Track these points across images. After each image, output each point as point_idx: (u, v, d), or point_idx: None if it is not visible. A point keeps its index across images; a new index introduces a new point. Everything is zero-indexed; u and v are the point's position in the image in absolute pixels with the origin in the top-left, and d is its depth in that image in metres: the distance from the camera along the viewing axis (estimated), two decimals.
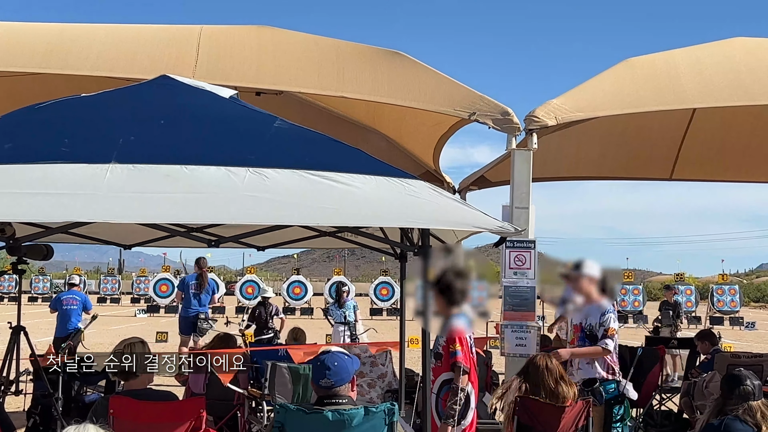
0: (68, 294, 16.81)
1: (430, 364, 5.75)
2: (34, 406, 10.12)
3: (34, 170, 4.94)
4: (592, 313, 8.15)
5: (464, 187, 13.52)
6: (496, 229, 5.35)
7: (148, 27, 10.39)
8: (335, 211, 4.99)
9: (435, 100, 9.47)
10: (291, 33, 10.10)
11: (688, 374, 11.46)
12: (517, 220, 8.97)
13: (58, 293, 19.37)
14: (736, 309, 40.64)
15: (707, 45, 10.40)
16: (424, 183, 5.50)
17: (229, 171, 5.02)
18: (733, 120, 12.25)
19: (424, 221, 5.22)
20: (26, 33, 9.83)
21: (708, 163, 13.87)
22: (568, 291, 10.61)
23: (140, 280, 52.25)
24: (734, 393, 5.88)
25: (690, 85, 9.55)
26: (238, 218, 5.01)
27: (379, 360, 10.62)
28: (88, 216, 4.80)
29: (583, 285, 8.22)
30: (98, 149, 5.12)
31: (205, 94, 6.25)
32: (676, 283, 42.27)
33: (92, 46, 9.56)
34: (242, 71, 9.43)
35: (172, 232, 6.65)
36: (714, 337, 11.94)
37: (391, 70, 9.56)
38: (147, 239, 8.67)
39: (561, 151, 13.24)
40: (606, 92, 9.60)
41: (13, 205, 4.71)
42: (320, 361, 5.17)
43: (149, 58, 9.30)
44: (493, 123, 9.32)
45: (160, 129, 5.54)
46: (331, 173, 5.14)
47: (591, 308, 8.18)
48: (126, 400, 5.89)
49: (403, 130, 12.43)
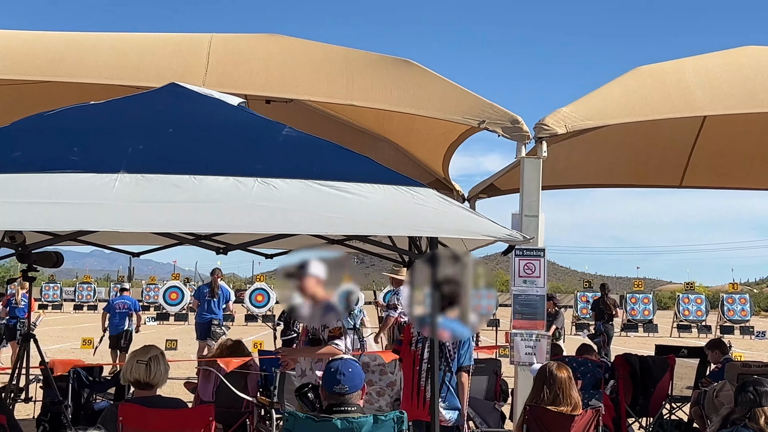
0: (120, 299, 20.07)
1: (438, 372, 5.73)
2: (43, 414, 10.12)
3: (43, 179, 4.95)
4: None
5: (473, 196, 13.50)
6: (505, 237, 5.34)
7: (157, 35, 10.42)
8: (344, 220, 4.99)
9: (444, 108, 9.46)
10: (300, 41, 10.12)
11: (698, 383, 11.41)
12: (526, 229, 8.94)
13: (112, 298, 23.33)
14: (747, 318, 40.45)
15: (717, 53, 10.37)
16: (433, 191, 5.50)
17: (238, 181, 5.02)
18: (743, 127, 12.21)
19: (432, 230, 5.22)
20: (35, 41, 9.86)
21: (718, 170, 13.84)
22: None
23: (150, 288, 52.26)
24: (741, 400, 5.88)
25: (700, 93, 9.53)
26: (247, 227, 5.02)
27: (389, 368, 10.59)
28: (96, 225, 4.81)
29: (308, 285, 7.32)
30: (107, 158, 5.14)
31: (213, 102, 6.27)
32: (686, 292, 42.29)
33: (101, 54, 9.58)
34: (252, 79, 9.45)
35: (181, 240, 6.66)
36: (724, 346, 11.89)
37: (400, 78, 9.56)
38: (156, 247, 8.68)
39: (571, 159, 13.22)
40: (616, 100, 9.58)
41: (23, 214, 4.73)
42: (333, 368, 5.17)
43: (158, 67, 9.32)
44: (502, 131, 9.30)
45: (169, 138, 5.55)
46: (339, 183, 5.15)
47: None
48: (135, 407, 5.89)
49: (412, 138, 12.43)
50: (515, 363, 9.08)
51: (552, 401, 6.89)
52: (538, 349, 8.94)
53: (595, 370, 10.56)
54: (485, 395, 10.44)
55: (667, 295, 79.01)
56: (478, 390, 10.53)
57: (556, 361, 7.53)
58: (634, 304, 41.42)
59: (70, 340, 24.09)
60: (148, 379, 5.84)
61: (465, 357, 7.63)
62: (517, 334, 9.03)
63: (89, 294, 55.44)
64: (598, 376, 10.54)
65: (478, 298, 6.28)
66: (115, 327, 19.19)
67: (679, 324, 40.52)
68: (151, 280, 55.73)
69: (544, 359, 8.72)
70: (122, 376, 6.06)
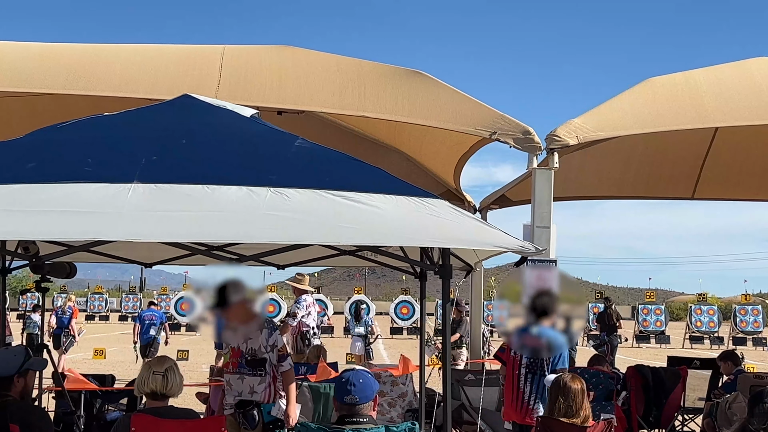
0: (148, 311, 22.36)
1: (450, 382, 5.73)
2: (56, 424, 10.14)
3: (57, 189, 4.98)
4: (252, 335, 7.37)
5: (485, 206, 13.51)
6: (517, 248, 5.34)
7: (170, 47, 10.48)
8: (355, 230, 4.99)
9: (456, 120, 9.48)
10: (312, 53, 10.16)
11: (710, 395, 11.37)
12: (538, 240, 8.94)
13: (142, 310, 26.23)
14: (760, 329, 40.26)
15: (728, 65, 10.38)
16: (445, 202, 5.50)
17: (251, 191, 5.04)
18: (755, 139, 12.19)
19: (444, 241, 5.22)
20: (49, 54, 9.93)
21: (730, 181, 13.81)
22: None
23: (161, 299, 52.30)
24: (758, 411, 5.86)
25: (712, 105, 9.53)
26: (259, 237, 5.03)
27: (400, 379, 10.61)
28: (110, 235, 4.83)
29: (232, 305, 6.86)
30: (120, 169, 5.16)
31: (226, 114, 6.29)
32: (698, 304, 42.14)
33: (115, 66, 9.64)
34: (264, 91, 9.49)
35: (193, 251, 6.68)
36: (737, 357, 11.84)
37: (412, 89, 9.58)
38: (168, 258, 8.71)
39: (582, 170, 13.22)
40: (627, 111, 9.59)
41: (37, 224, 4.76)
42: (345, 378, 5.16)
43: (171, 79, 9.37)
44: (514, 142, 9.32)
45: (182, 149, 5.58)
46: (351, 193, 5.16)
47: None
48: (148, 418, 5.89)
49: (424, 149, 12.44)
50: None
51: (565, 413, 6.87)
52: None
53: (607, 382, 10.54)
54: (496, 406, 10.42)
55: (679, 306, 78.67)
56: (489, 401, 10.52)
57: (570, 372, 7.51)
58: (646, 315, 41.31)
59: (82, 351, 24.09)
60: (164, 390, 5.84)
61: (560, 361, 8.04)
62: None
63: (101, 304, 55.57)
64: (611, 388, 10.51)
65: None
66: (144, 337, 21.31)
67: (692, 335, 40.36)
68: (163, 291, 55.77)
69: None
70: (137, 388, 6.02)
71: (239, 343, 7.38)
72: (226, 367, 7.45)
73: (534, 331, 7.10)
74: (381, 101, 9.51)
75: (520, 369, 8.12)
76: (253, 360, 7.32)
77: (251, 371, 7.32)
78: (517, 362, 8.18)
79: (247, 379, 7.33)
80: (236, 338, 7.32)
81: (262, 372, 7.31)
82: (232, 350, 7.45)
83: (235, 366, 7.38)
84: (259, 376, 7.31)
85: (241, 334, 7.24)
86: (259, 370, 7.32)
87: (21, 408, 5.71)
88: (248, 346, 7.34)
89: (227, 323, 7.02)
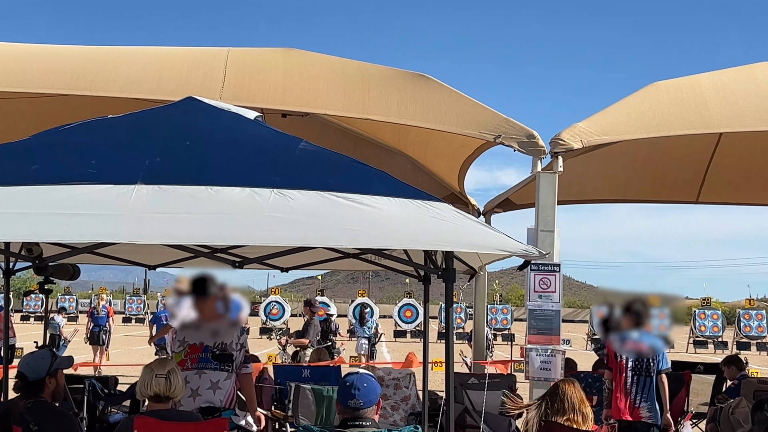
0: (164, 312, 22.80)
1: (453, 385, 5.72)
2: None
3: (61, 191, 4.98)
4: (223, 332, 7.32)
5: (489, 210, 13.51)
6: (521, 252, 5.32)
7: (175, 49, 10.48)
8: (359, 233, 4.98)
9: (460, 123, 9.47)
10: (317, 55, 10.16)
11: (714, 400, 11.35)
12: (542, 243, 8.93)
13: (157, 311, 27.03)
14: (764, 334, 40.21)
15: (733, 69, 10.36)
16: (449, 205, 5.49)
17: (254, 192, 5.03)
18: (759, 144, 12.17)
19: (448, 244, 5.21)
20: (54, 55, 9.93)
21: (734, 186, 13.80)
22: None
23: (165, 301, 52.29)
24: (758, 418, 5.84)
25: (716, 109, 9.51)
26: (263, 239, 5.01)
27: (403, 383, 10.59)
28: (113, 237, 4.82)
29: (205, 302, 7.30)
30: (124, 170, 5.15)
31: (230, 116, 6.29)
32: (703, 308, 42.07)
33: (119, 68, 9.64)
34: (268, 93, 9.48)
35: (196, 253, 6.67)
36: (741, 362, 11.83)
37: (416, 92, 9.58)
38: (172, 260, 8.71)
39: (586, 174, 13.21)
40: (632, 116, 9.58)
41: (40, 226, 4.75)
42: (348, 382, 5.15)
43: (176, 80, 9.37)
44: (518, 146, 9.31)
45: (186, 150, 5.57)
46: (355, 195, 5.15)
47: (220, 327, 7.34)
48: (150, 420, 5.88)
49: (428, 152, 12.44)
50: (530, 378, 9.06)
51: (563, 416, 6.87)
52: (552, 364, 8.93)
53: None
54: (500, 410, 10.39)
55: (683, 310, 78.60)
56: (492, 405, 10.49)
57: (568, 377, 7.53)
58: None
59: (85, 352, 24.10)
60: (168, 392, 5.83)
61: (662, 362, 9.21)
62: (532, 349, 9.02)
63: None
64: None
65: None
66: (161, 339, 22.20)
67: (695, 340, 40.30)
68: (167, 293, 55.71)
69: (559, 374, 8.71)
70: (138, 391, 6.00)
71: (204, 340, 7.25)
72: (182, 364, 7.14)
73: (635, 336, 8.58)
74: (385, 104, 9.51)
75: (626, 371, 9.18)
76: (222, 354, 7.22)
77: (218, 365, 7.21)
78: (623, 366, 9.23)
79: (209, 374, 7.18)
80: (199, 335, 7.25)
81: (229, 368, 7.24)
82: (190, 347, 7.27)
83: (195, 362, 7.22)
84: (226, 372, 7.22)
85: (207, 331, 7.20)
86: (227, 365, 7.23)
87: (42, 409, 5.76)
88: (217, 341, 7.23)
89: (193, 319, 7.19)
